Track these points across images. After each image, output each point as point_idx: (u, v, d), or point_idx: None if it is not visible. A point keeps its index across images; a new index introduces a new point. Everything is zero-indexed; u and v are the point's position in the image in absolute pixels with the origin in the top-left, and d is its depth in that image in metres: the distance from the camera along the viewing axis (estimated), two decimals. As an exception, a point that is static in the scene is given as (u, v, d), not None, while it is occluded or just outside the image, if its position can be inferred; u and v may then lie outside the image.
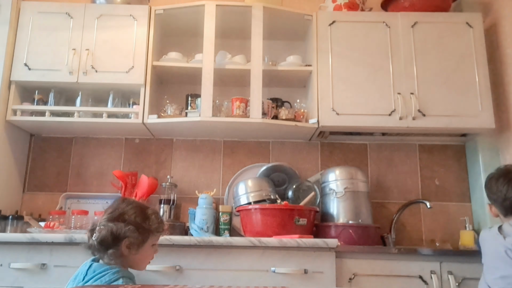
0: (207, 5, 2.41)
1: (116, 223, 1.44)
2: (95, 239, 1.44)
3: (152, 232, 1.51)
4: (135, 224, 1.45)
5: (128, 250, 1.44)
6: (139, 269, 1.53)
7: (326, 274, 1.87)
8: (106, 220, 1.46)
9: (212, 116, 2.31)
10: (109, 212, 1.50)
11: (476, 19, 2.42)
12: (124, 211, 1.48)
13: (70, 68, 2.32)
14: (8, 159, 2.38)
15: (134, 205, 1.52)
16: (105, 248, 1.43)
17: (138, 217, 1.48)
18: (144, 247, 1.49)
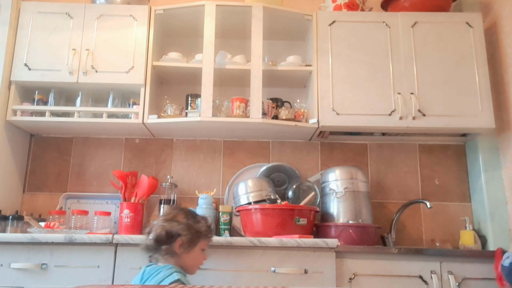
0: (207, 5, 2.41)
1: (171, 222, 1.59)
2: (151, 237, 1.59)
3: (202, 235, 1.64)
4: (187, 225, 1.60)
5: (180, 249, 1.58)
6: (189, 272, 1.63)
7: (326, 274, 1.87)
8: (161, 221, 1.61)
9: (212, 116, 2.31)
10: (163, 215, 1.66)
11: (476, 19, 2.42)
12: (176, 214, 1.64)
13: (70, 68, 2.32)
14: (8, 159, 2.38)
15: (185, 210, 1.68)
16: (159, 245, 1.57)
17: (190, 219, 1.62)
18: (195, 249, 1.62)
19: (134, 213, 2.30)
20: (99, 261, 1.88)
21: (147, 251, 1.63)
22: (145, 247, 1.63)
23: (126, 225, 2.28)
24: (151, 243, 1.59)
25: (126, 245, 1.90)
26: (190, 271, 1.64)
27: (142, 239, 1.88)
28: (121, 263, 1.89)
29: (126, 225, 2.28)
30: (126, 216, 2.29)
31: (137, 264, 1.87)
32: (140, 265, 1.87)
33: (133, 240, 1.89)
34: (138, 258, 1.88)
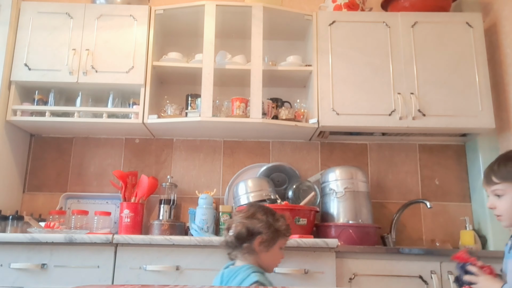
0: (207, 5, 2.41)
1: (251, 220, 1.57)
2: (232, 234, 1.56)
3: (281, 234, 1.60)
4: (267, 223, 1.57)
5: (260, 247, 1.55)
6: (268, 270, 1.60)
7: (326, 274, 1.87)
8: (241, 218, 1.59)
9: (212, 116, 2.31)
10: (243, 212, 1.62)
11: (476, 19, 2.42)
12: (256, 211, 1.61)
13: (70, 68, 2.32)
14: (8, 159, 2.38)
15: (264, 207, 1.66)
16: (240, 242, 1.55)
17: (269, 217, 1.59)
18: (274, 247, 1.59)
19: (134, 213, 2.30)
20: (99, 261, 1.88)
21: (226, 247, 1.61)
22: (224, 243, 1.61)
23: (126, 225, 2.28)
24: (231, 240, 1.57)
25: (126, 245, 1.90)
26: (268, 270, 1.61)
27: (142, 239, 1.89)
28: (121, 263, 1.88)
29: (126, 225, 2.28)
30: (126, 216, 2.29)
31: (137, 264, 1.88)
32: (140, 265, 1.87)
33: (133, 240, 1.89)
34: (138, 258, 1.88)
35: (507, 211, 1.35)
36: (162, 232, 2.23)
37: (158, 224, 2.27)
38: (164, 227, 2.25)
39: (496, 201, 1.37)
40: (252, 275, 1.47)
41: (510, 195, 1.34)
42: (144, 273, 1.87)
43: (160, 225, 2.26)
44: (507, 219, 1.36)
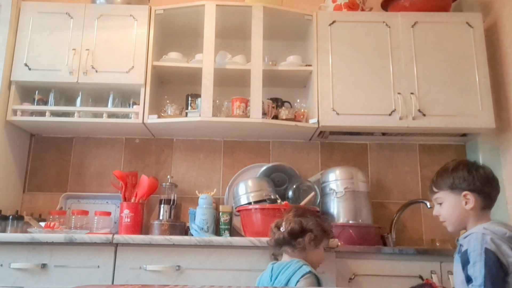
0: (207, 5, 2.41)
1: (303, 217, 1.66)
2: (284, 230, 1.65)
3: (327, 234, 1.70)
4: (317, 222, 1.67)
5: (310, 244, 1.63)
6: (314, 267, 1.65)
7: (326, 274, 1.86)
8: (294, 216, 1.68)
9: (212, 116, 2.31)
10: (293, 211, 1.72)
11: (477, 19, 2.42)
12: (305, 211, 1.74)
13: (70, 68, 2.32)
14: (8, 159, 2.38)
15: (311, 209, 1.81)
16: (293, 237, 1.63)
17: (318, 217, 1.70)
18: (320, 246, 1.68)
19: (134, 213, 2.30)
20: (99, 261, 1.88)
21: (275, 246, 1.68)
22: (273, 242, 1.69)
23: (126, 225, 2.28)
24: (283, 236, 1.64)
25: (126, 245, 1.90)
26: (314, 267, 1.66)
27: (142, 239, 1.89)
28: (121, 263, 1.88)
29: (126, 225, 2.28)
30: (126, 216, 2.29)
31: (137, 264, 1.88)
32: (140, 265, 1.87)
33: (133, 240, 1.89)
34: (138, 258, 1.88)
35: (448, 217, 1.49)
36: (162, 232, 2.23)
37: (158, 224, 2.27)
38: (164, 227, 2.25)
39: (439, 209, 1.53)
40: (304, 266, 1.55)
41: (448, 201, 1.49)
42: (144, 273, 1.87)
43: (160, 225, 2.26)
44: (451, 223, 1.50)
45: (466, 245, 1.36)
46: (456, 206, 1.46)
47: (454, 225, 1.50)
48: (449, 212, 1.49)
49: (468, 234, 1.40)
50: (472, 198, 1.44)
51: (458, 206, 1.46)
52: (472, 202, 1.44)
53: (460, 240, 1.44)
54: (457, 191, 1.46)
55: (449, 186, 1.48)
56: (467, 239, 1.38)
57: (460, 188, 1.45)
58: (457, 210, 1.46)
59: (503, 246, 1.30)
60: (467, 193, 1.44)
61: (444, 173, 1.51)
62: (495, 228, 1.36)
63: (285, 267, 1.58)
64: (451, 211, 1.48)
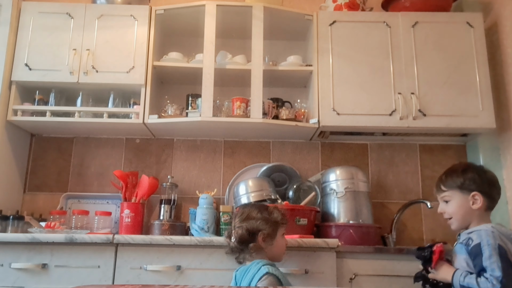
0: (207, 5, 2.41)
1: (248, 221, 1.66)
2: (233, 240, 1.66)
3: (279, 224, 1.70)
4: (264, 219, 1.66)
5: (264, 242, 1.64)
6: (278, 260, 1.71)
7: (326, 274, 1.87)
8: (239, 222, 1.67)
9: (213, 116, 2.31)
10: (238, 217, 1.71)
11: (477, 19, 2.42)
12: (250, 211, 1.69)
13: (70, 68, 2.32)
14: (8, 159, 2.38)
15: (256, 205, 1.75)
16: (245, 244, 1.64)
17: (264, 213, 1.69)
18: (277, 238, 1.68)
19: (134, 213, 2.30)
20: (99, 261, 1.88)
21: (232, 254, 1.71)
22: (230, 250, 1.71)
23: (126, 225, 2.28)
24: (235, 245, 1.66)
25: (126, 245, 1.90)
26: (278, 259, 1.71)
27: (142, 239, 1.89)
28: (121, 263, 1.88)
29: (126, 225, 2.28)
30: (126, 216, 2.29)
31: (137, 264, 1.88)
32: (140, 265, 1.88)
33: (133, 240, 1.89)
34: (139, 258, 1.88)
35: (454, 214, 1.59)
36: (163, 232, 2.23)
37: (158, 224, 2.27)
38: (164, 227, 2.25)
39: (444, 207, 1.62)
40: (262, 268, 1.56)
41: (455, 200, 1.58)
42: (144, 273, 1.87)
43: (161, 225, 2.26)
44: (456, 220, 1.60)
45: (478, 239, 1.45)
46: (463, 205, 1.56)
47: (459, 223, 1.59)
48: (455, 210, 1.58)
49: (474, 230, 1.51)
50: (480, 198, 1.54)
51: (465, 205, 1.56)
52: (479, 202, 1.54)
53: (464, 234, 1.55)
54: (466, 191, 1.56)
55: (458, 186, 1.57)
56: (475, 233, 1.48)
57: (469, 189, 1.55)
58: (464, 209, 1.56)
59: (509, 245, 1.44)
60: (476, 193, 1.55)
61: (454, 174, 1.60)
62: (501, 229, 1.49)
63: (246, 272, 1.60)
64: (458, 210, 1.57)
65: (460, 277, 1.44)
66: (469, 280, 1.41)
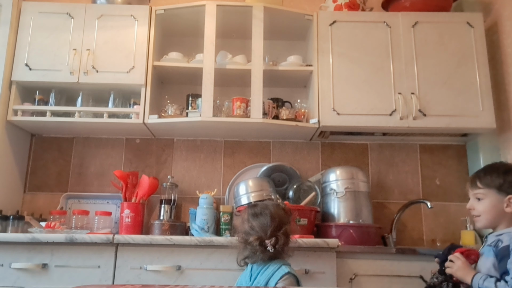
0: (207, 5, 2.41)
1: (284, 227, 1.58)
2: (272, 247, 1.52)
3: (290, 221, 1.65)
4: (289, 221, 1.63)
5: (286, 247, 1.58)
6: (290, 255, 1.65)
7: (327, 274, 1.87)
8: (276, 229, 1.56)
9: (213, 116, 2.31)
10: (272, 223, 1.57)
11: (477, 19, 2.42)
12: (281, 217, 1.60)
13: (71, 68, 2.32)
14: (9, 159, 2.38)
15: (279, 207, 1.66)
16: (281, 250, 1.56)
17: (289, 216, 1.65)
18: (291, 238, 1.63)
19: (134, 213, 2.30)
20: (99, 261, 1.88)
21: (253, 257, 1.59)
22: (251, 254, 1.58)
23: (126, 225, 2.28)
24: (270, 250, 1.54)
25: (126, 245, 1.90)
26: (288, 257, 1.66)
27: (142, 239, 1.89)
28: (121, 263, 1.88)
29: (126, 225, 2.28)
30: (126, 216, 2.29)
31: (137, 264, 1.88)
32: (140, 265, 1.88)
33: (133, 240, 1.89)
34: (139, 258, 1.88)
35: (484, 213, 1.55)
36: (163, 232, 2.23)
37: (158, 224, 2.27)
38: (164, 227, 2.25)
39: (475, 203, 1.58)
40: (282, 267, 1.53)
41: (489, 199, 1.54)
42: (144, 273, 1.87)
43: (161, 225, 2.26)
44: (483, 219, 1.56)
45: (508, 241, 1.42)
46: (497, 206, 1.52)
47: (487, 222, 1.56)
48: (487, 209, 1.54)
49: (505, 232, 1.48)
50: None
51: (499, 206, 1.52)
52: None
53: (492, 236, 1.52)
54: (503, 193, 1.52)
55: (496, 186, 1.53)
56: (506, 235, 1.45)
57: (507, 192, 1.51)
58: (496, 210, 1.52)
59: None
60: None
61: (495, 173, 1.55)
62: None
63: (264, 268, 1.56)
64: (490, 209, 1.53)
65: (479, 280, 1.40)
66: (488, 284, 1.37)
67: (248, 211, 1.63)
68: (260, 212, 1.60)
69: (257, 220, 1.58)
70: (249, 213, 1.62)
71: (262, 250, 1.54)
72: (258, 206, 1.64)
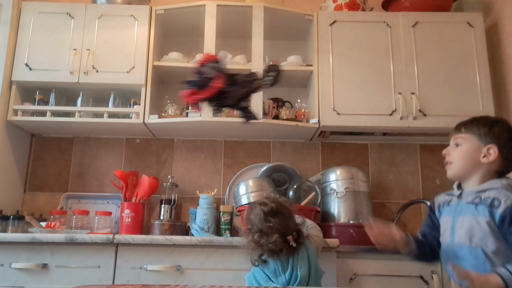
0: (207, 5, 2.41)
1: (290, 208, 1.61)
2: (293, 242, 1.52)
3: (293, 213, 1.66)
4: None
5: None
6: None
7: (327, 274, 1.85)
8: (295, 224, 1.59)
9: (213, 116, 2.31)
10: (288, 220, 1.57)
11: (477, 19, 2.42)
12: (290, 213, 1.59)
13: (71, 68, 2.32)
14: (9, 159, 2.38)
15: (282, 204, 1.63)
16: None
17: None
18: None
19: (135, 213, 2.30)
20: (99, 261, 1.88)
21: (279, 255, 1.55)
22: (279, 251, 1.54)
23: (127, 225, 2.29)
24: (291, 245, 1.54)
25: (127, 245, 1.90)
26: None
27: (143, 239, 1.89)
28: (122, 263, 1.88)
29: (127, 225, 2.29)
30: (127, 216, 2.29)
31: (138, 264, 1.88)
32: (140, 265, 1.87)
33: (134, 240, 1.89)
34: (139, 258, 1.88)
35: (458, 159, 1.45)
36: (163, 232, 2.23)
37: (158, 224, 2.27)
38: (164, 227, 2.25)
39: (451, 149, 1.48)
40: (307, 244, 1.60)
41: (467, 145, 1.42)
42: (145, 273, 1.87)
43: (161, 225, 2.26)
44: (454, 167, 1.46)
45: (509, 200, 1.27)
46: (473, 154, 1.40)
47: (458, 170, 1.46)
48: (462, 155, 1.43)
49: (488, 188, 1.35)
50: (494, 154, 1.36)
51: (475, 155, 1.39)
52: (491, 157, 1.36)
53: (471, 193, 1.40)
54: (483, 142, 1.39)
55: (479, 133, 1.40)
56: (494, 191, 1.32)
57: (488, 141, 1.38)
58: (471, 158, 1.41)
59: None
60: (492, 146, 1.37)
61: (482, 121, 1.43)
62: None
63: (295, 258, 1.54)
64: (465, 155, 1.42)
65: (509, 267, 1.20)
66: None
67: (262, 209, 1.56)
68: (277, 209, 1.56)
69: (276, 217, 1.54)
70: (265, 211, 1.55)
71: (286, 247, 1.51)
72: (271, 203, 1.57)
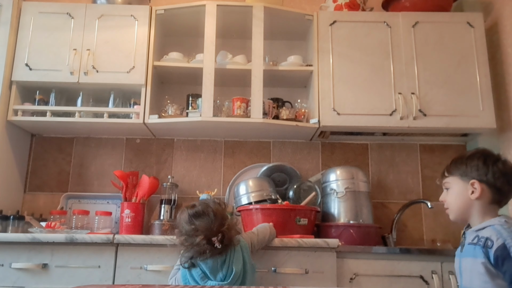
0: (208, 5, 2.41)
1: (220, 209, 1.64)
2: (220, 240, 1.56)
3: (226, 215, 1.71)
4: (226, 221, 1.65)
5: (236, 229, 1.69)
6: None
7: (327, 274, 1.87)
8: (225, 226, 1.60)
9: (213, 116, 2.30)
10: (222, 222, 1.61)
11: (477, 18, 2.42)
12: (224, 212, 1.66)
13: (71, 68, 2.32)
14: (9, 159, 2.38)
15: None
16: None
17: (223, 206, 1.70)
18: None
19: (135, 213, 2.30)
20: (100, 261, 1.88)
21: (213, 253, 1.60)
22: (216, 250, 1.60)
23: (127, 225, 2.28)
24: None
25: (127, 245, 1.90)
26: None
27: (143, 239, 1.89)
28: (122, 263, 1.89)
29: (127, 225, 2.28)
30: (127, 216, 2.29)
31: (138, 264, 1.88)
32: (141, 265, 1.87)
33: (134, 240, 1.89)
34: (139, 258, 1.89)
35: (451, 203, 1.45)
36: (163, 232, 2.23)
37: (159, 224, 2.27)
38: (165, 227, 2.25)
39: (445, 195, 1.48)
40: (241, 242, 1.69)
41: (455, 188, 1.44)
42: (145, 273, 1.88)
43: (161, 225, 2.26)
44: (453, 211, 1.45)
45: (501, 239, 1.26)
46: (462, 193, 1.41)
47: (455, 213, 1.45)
48: (453, 198, 1.44)
49: (484, 226, 1.34)
50: (479, 188, 1.37)
51: (464, 194, 1.40)
52: (478, 192, 1.37)
53: (471, 233, 1.38)
54: (466, 179, 1.40)
55: (460, 173, 1.42)
56: (489, 230, 1.31)
57: (469, 176, 1.39)
58: (462, 198, 1.41)
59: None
60: (474, 181, 1.38)
61: (459, 160, 1.46)
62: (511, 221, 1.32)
63: (225, 257, 1.60)
64: (456, 198, 1.43)
65: None
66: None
67: (188, 212, 1.61)
68: (202, 211, 1.59)
69: (200, 220, 1.58)
70: (190, 214, 1.60)
71: (210, 248, 1.55)
72: (198, 206, 1.62)
